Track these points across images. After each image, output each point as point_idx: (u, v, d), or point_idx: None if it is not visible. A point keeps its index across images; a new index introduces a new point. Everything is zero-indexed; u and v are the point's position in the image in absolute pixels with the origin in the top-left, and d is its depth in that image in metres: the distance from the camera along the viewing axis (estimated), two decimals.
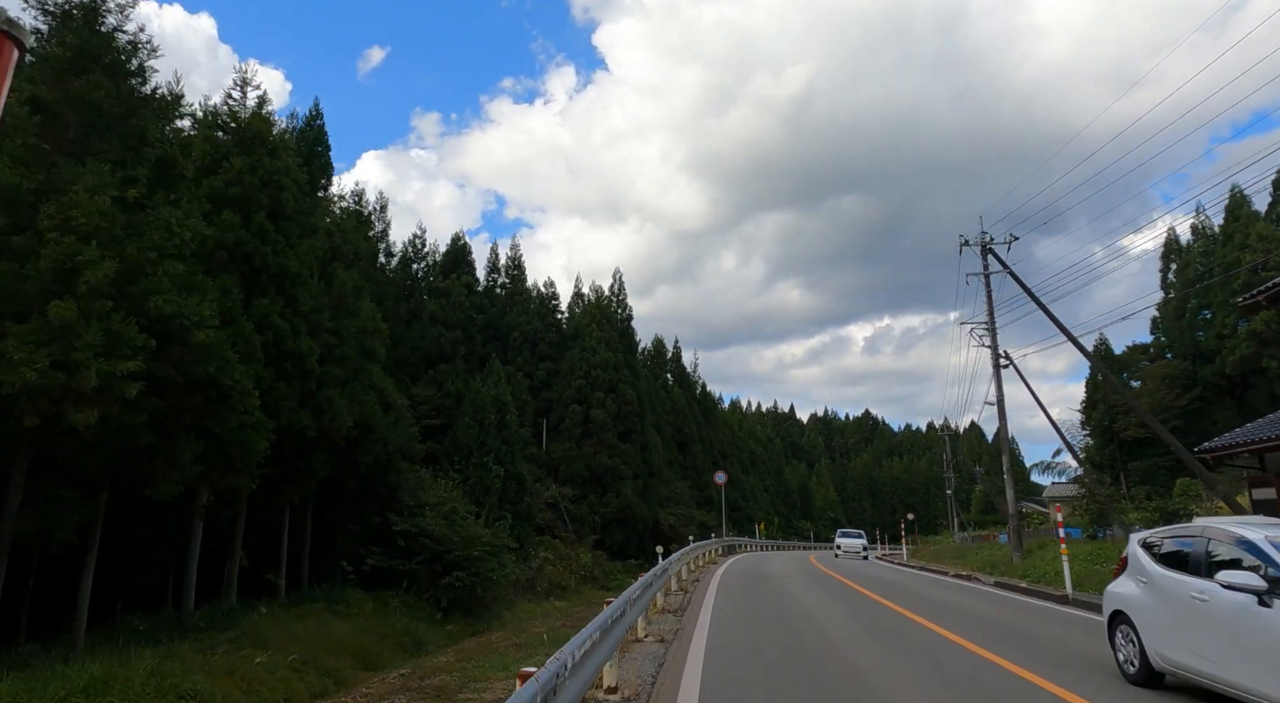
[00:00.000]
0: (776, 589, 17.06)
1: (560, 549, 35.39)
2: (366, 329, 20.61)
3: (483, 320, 44.56)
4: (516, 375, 42.94)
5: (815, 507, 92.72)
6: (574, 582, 32.26)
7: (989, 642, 9.49)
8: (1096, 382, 49.98)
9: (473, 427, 29.89)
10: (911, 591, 17.35)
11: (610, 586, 37.03)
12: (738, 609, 13.22)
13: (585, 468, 41.96)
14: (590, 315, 45.97)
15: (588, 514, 40.91)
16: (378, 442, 20.01)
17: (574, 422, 42.82)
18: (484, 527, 23.57)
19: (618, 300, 49.58)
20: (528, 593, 28.02)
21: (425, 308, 36.08)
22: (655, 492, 46.75)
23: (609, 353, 44.38)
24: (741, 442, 78.63)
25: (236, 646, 14.76)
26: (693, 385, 70.21)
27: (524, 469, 31.47)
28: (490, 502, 28.72)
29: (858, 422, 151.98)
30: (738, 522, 64.60)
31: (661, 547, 28.34)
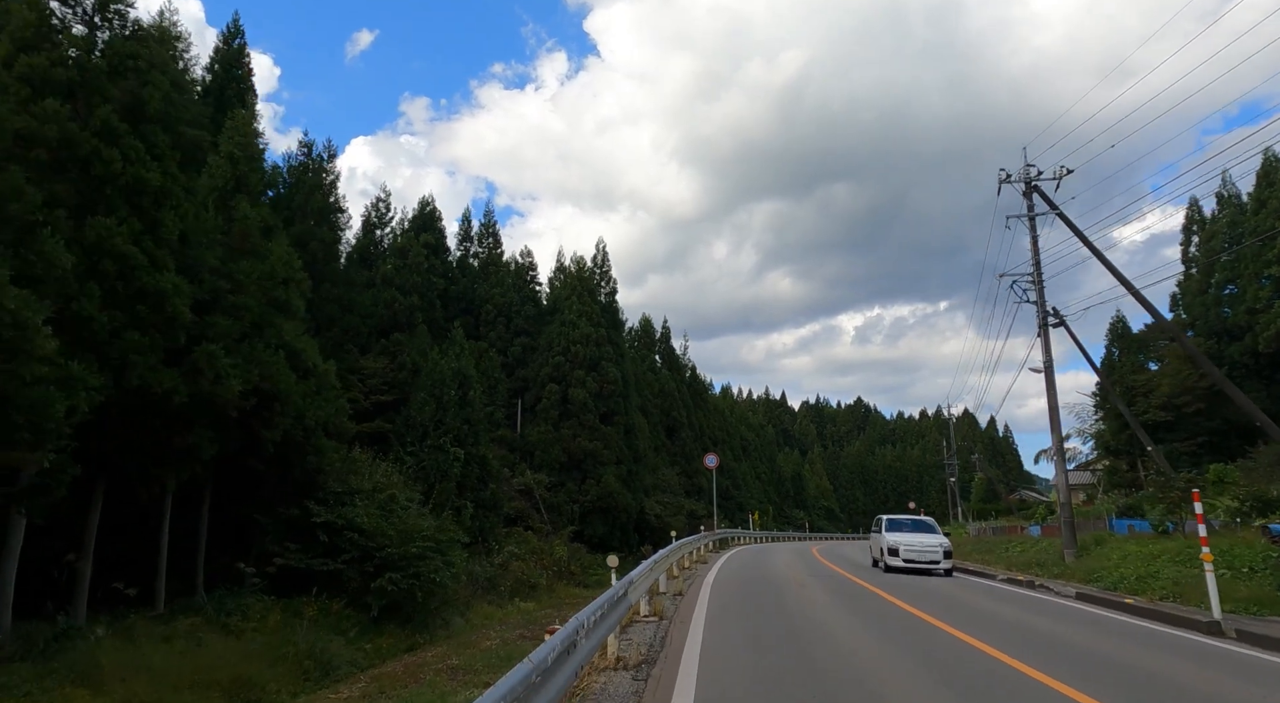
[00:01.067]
0: (791, 606, 12.64)
1: (532, 542, 31.50)
2: (275, 275, 16.52)
3: (454, 291, 40.47)
4: (489, 352, 38.92)
5: (808, 495, 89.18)
6: (546, 579, 28.38)
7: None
8: (1114, 362, 46.31)
9: (429, 403, 25.90)
10: (973, 608, 12.82)
11: (588, 581, 33.19)
12: (740, 643, 9.24)
13: (563, 453, 38.03)
14: (570, 287, 41.92)
15: (565, 503, 37.02)
16: (288, 414, 15.99)
17: (551, 402, 38.84)
18: (431, 518, 19.60)
19: (601, 272, 45.52)
20: (490, 593, 24.12)
21: (380, 269, 31.93)
22: (640, 479, 42.89)
23: (590, 327, 40.38)
24: (733, 428, 74.89)
25: (54, 682, 10.79)
26: (682, 368, 66.33)
27: (489, 452, 27.55)
28: (446, 489, 24.77)
29: (850, 409, 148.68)
30: (729, 511, 60.91)
31: (649, 546, 24.61)
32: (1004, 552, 21.89)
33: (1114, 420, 46.17)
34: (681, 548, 18.03)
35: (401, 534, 17.87)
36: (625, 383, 43.15)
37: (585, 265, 42.97)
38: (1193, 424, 43.00)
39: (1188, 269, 45.75)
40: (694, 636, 9.66)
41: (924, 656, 8.25)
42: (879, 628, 10.23)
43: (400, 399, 27.01)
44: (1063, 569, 16.20)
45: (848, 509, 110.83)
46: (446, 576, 18.49)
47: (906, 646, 8.87)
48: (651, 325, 62.17)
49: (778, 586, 16.09)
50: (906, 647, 8.80)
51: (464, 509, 25.37)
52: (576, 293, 41.51)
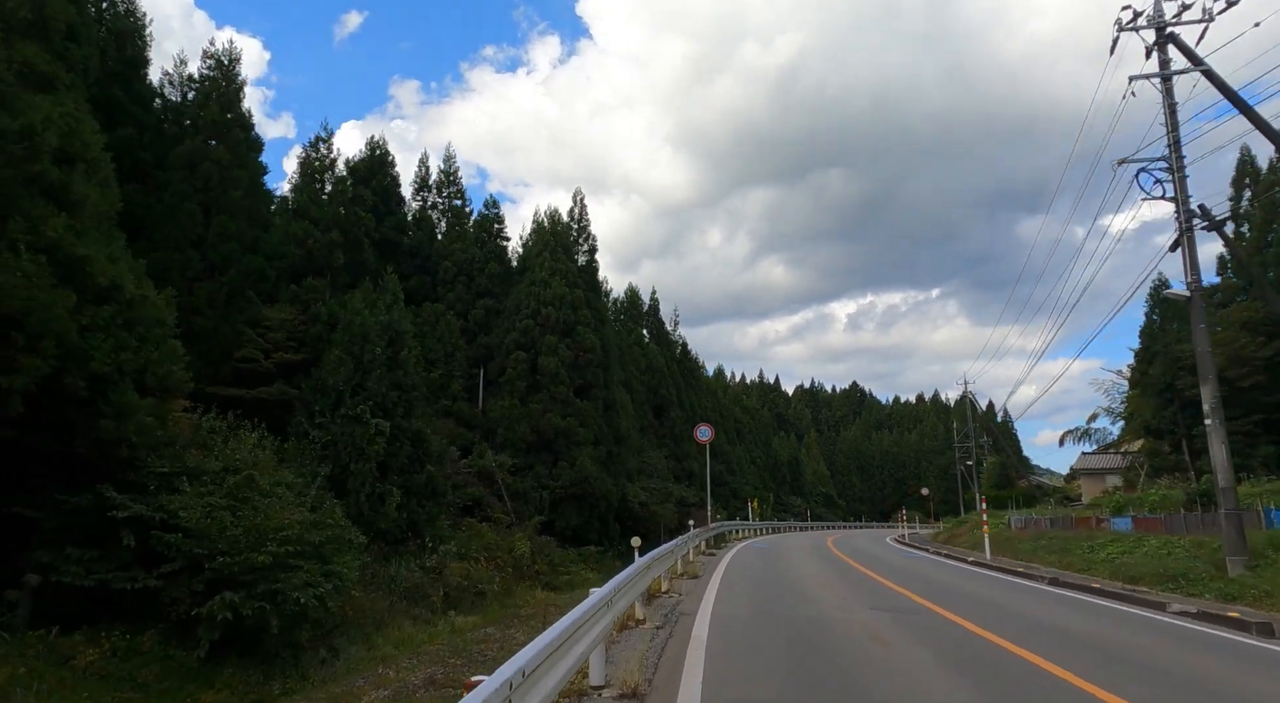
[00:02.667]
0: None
1: (488, 537, 25.73)
2: (39, 139, 10.57)
3: (407, 245, 34.50)
4: (447, 315, 33.01)
5: (806, 482, 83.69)
6: (501, 582, 22.60)
7: None
8: (1154, 331, 40.66)
9: (345, 363, 20.05)
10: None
11: (557, 583, 27.46)
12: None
13: (531, 430, 32.21)
14: (543, 242, 35.97)
15: (532, 489, 31.25)
16: (45, 352, 10.13)
17: (518, 372, 32.98)
18: (305, 511, 13.73)
19: (579, 228, 39.58)
20: (419, 605, 18.33)
21: (296, 202, 25.85)
22: (622, 462, 37.14)
23: (564, 288, 34.48)
24: (726, 410, 69.21)
25: None
26: (672, 345, 60.53)
27: (427, 426, 21.72)
28: (363, 471, 18.92)
29: (845, 394, 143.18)
30: (722, 498, 55.27)
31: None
32: (1090, 553, 16.32)
33: (1156, 397, 40.58)
34: (651, 570, 11.97)
35: (251, 534, 12.01)
36: (606, 353, 37.31)
37: (560, 219, 36.98)
38: (1248, 400, 37.40)
39: (1238, 227, 40.20)
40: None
41: None
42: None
43: (313, 358, 21.11)
44: (1240, 588, 10.58)
45: (844, 496, 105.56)
46: (323, 592, 12.65)
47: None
48: (639, 297, 56.33)
49: (830, 641, 9.74)
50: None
51: (388, 497, 19.55)
52: (549, 249, 35.56)
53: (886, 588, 13.72)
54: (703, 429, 28.12)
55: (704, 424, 29.30)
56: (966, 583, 14.86)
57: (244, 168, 22.78)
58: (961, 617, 10.24)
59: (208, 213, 21.60)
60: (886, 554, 23.81)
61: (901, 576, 16.14)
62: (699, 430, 27.99)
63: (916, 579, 15.41)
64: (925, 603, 11.75)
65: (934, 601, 11.99)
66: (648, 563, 11.51)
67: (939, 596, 12.73)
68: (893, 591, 13.35)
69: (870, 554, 23.68)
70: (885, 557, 22.63)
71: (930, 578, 15.91)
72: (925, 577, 16.13)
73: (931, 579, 15.56)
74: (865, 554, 23.74)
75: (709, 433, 27.67)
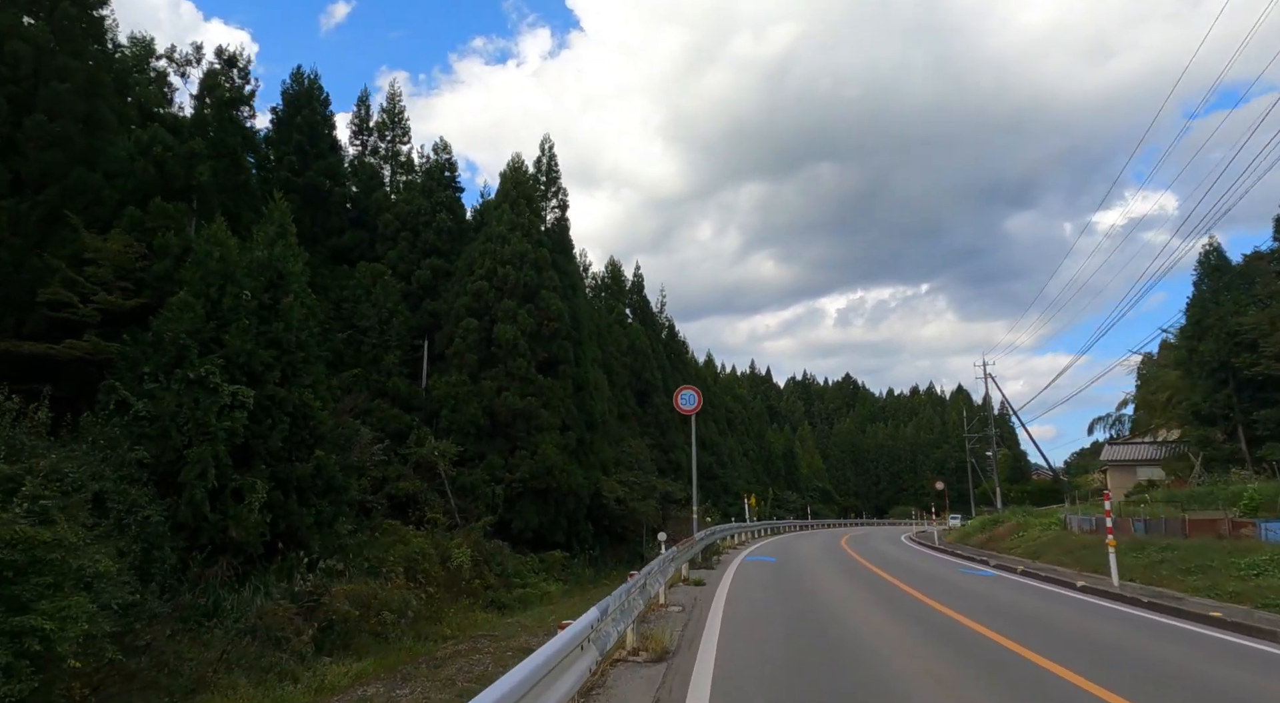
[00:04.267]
0: None
1: (415, 543, 19.95)
2: None
3: (339, 195, 28.60)
4: (385, 276, 27.16)
5: (802, 476, 78.11)
6: (424, 604, 16.78)
7: None
8: (1205, 301, 35.15)
9: (192, 308, 14.26)
10: None
11: (506, 600, 21.68)
12: None
13: (483, 412, 26.40)
14: (504, 193, 30.11)
15: (483, 483, 25.45)
16: None
17: (468, 343, 27.13)
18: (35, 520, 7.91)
19: (547, 180, 33.74)
20: (278, 649, 12.53)
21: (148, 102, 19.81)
22: (596, 451, 31.40)
23: (526, 245, 28.65)
24: (717, 398, 63.50)
25: None
26: (659, 325, 54.85)
27: (316, 399, 15.88)
28: (203, 454, 13.07)
29: (838, 386, 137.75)
30: (713, 493, 49.60)
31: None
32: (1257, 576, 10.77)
33: (1207, 379, 35.10)
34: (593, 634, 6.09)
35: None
36: (577, 325, 31.52)
37: (523, 169, 31.05)
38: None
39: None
40: None
41: None
42: None
43: (157, 304, 15.23)
44: None
45: (840, 490, 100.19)
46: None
47: None
48: (621, 272, 50.54)
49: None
50: None
51: (248, 492, 13.71)
52: (509, 200, 29.70)
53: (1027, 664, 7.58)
54: (686, 394, 21.41)
55: (688, 387, 22.89)
56: (1206, 665, 8.00)
57: (80, 58, 16.86)
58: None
59: (19, 109, 15.72)
60: (949, 574, 17.41)
61: (1050, 637, 9.48)
62: (681, 396, 21.13)
63: (1090, 648, 8.86)
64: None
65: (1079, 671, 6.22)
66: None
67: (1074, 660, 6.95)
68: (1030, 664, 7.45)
69: (925, 574, 17.28)
70: (950, 579, 16.28)
71: (1120, 646, 8.58)
72: (1104, 643, 8.86)
73: (1123, 649, 8.34)
74: (921, 575, 16.86)
75: (694, 399, 21.08)
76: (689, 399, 20.86)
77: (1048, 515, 25.92)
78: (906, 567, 18.75)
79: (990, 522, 28.33)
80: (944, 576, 16.43)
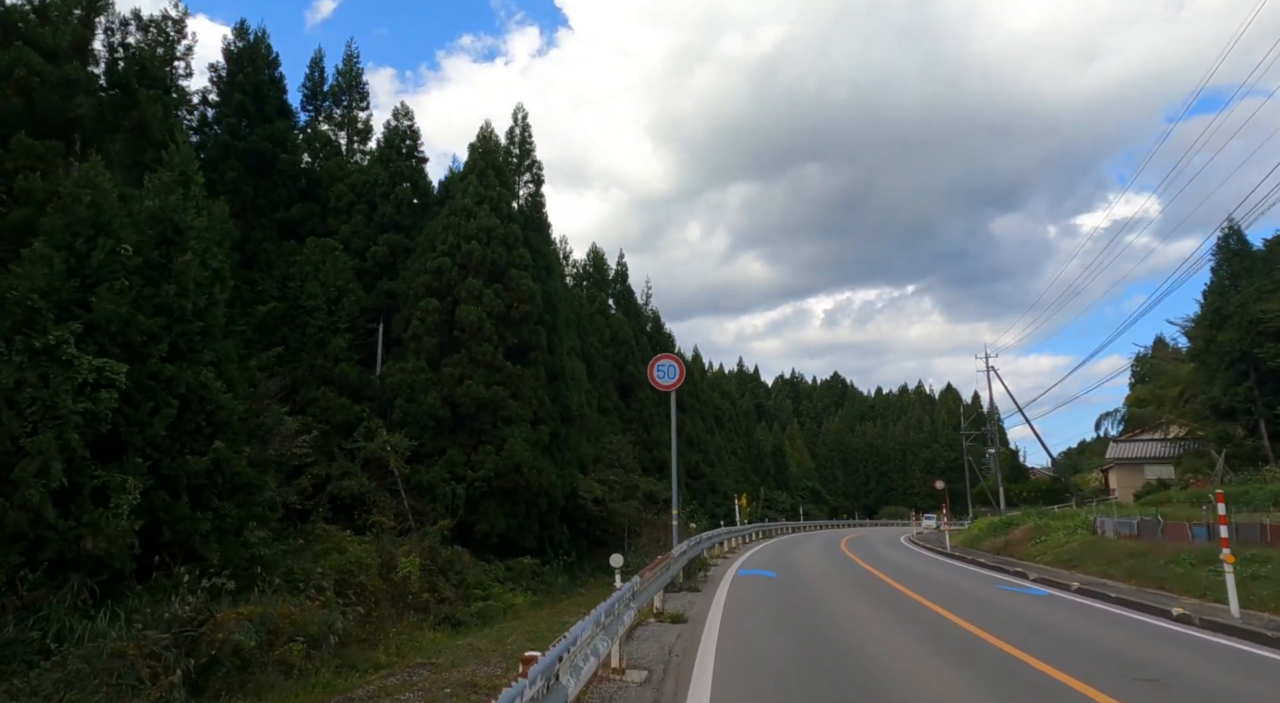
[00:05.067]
0: None
1: (352, 552, 17.01)
2: None
3: (286, 164, 25.58)
4: (336, 251, 24.18)
5: (791, 475, 75.45)
6: (359, 625, 13.85)
7: None
8: (1223, 289, 32.68)
9: (48, 263, 11.31)
10: None
11: (463, 616, 18.72)
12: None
13: (443, 402, 23.47)
14: (471, 165, 27.16)
15: (442, 482, 22.51)
16: None
17: (428, 326, 24.19)
18: None
19: (520, 152, 30.83)
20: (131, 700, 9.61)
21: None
22: (573, 447, 28.54)
23: (494, 220, 25.75)
24: (704, 394, 60.70)
25: None
26: (643, 317, 52.03)
27: (214, 379, 12.87)
28: (45, 445, 10.14)
29: (826, 385, 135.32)
30: (699, 492, 46.83)
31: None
32: None
33: (1226, 371, 32.63)
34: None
35: None
36: (552, 309, 28.64)
37: (494, 138, 28.09)
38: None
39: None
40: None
41: None
42: None
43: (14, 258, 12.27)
44: None
45: (828, 490, 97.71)
46: None
47: None
48: (604, 260, 47.64)
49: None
50: None
51: (116, 492, 10.77)
52: (476, 171, 26.78)
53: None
54: (664, 365, 16.80)
55: (666, 356, 17.80)
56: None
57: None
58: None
59: None
60: (992, 594, 14.18)
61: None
62: (657, 368, 16.80)
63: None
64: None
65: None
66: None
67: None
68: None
69: (964, 593, 13.96)
70: (999, 601, 13.02)
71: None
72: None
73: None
74: (960, 596, 13.13)
75: (674, 371, 16.69)
76: (668, 371, 16.42)
77: (1067, 517, 23.29)
78: (933, 582, 15.87)
79: (1002, 524, 25.63)
80: (987, 596, 13.56)
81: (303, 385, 22.22)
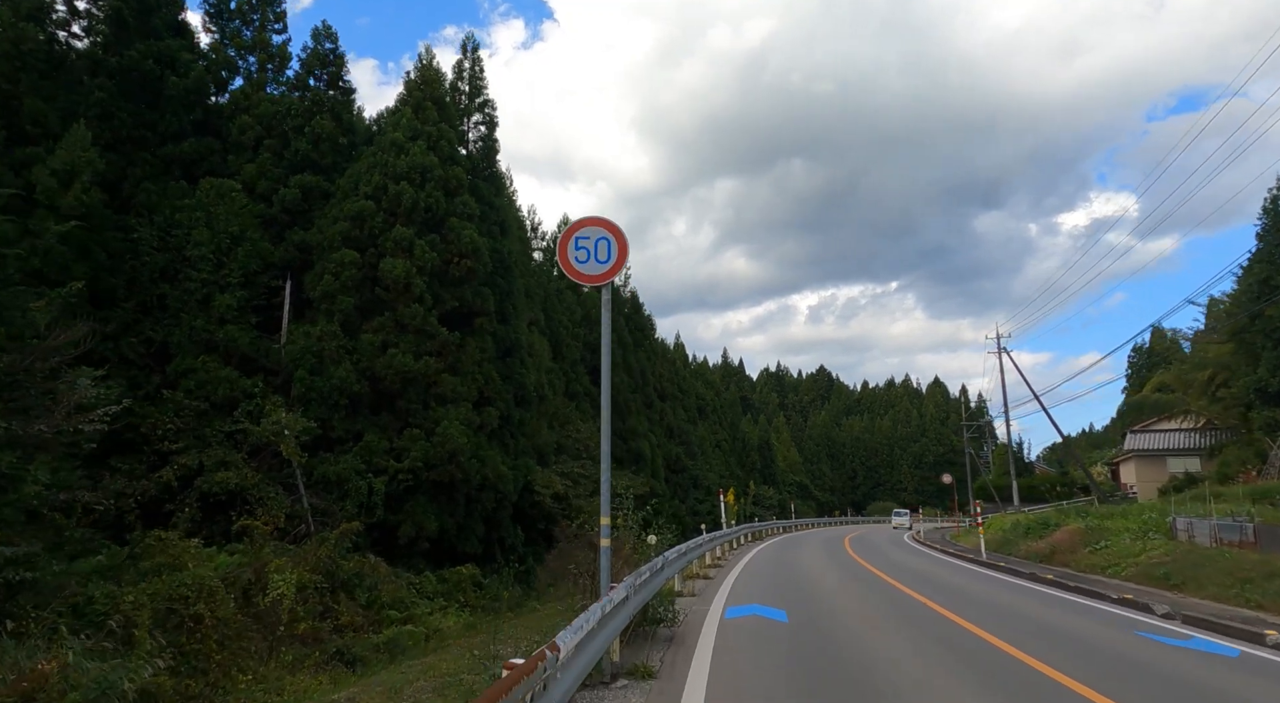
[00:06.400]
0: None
1: (196, 570, 12.33)
2: None
3: (178, 89, 20.74)
4: (235, 193, 19.41)
5: (778, 469, 71.15)
6: (137, 688, 9.30)
7: None
8: (1274, 253, 28.53)
9: None
10: None
11: (357, 653, 13.96)
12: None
13: (359, 376, 18.77)
14: (407, 96, 22.42)
15: (355, 474, 17.82)
16: None
17: (344, 283, 19.46)
18: None
19: (471, 90, 26.11)
20: None
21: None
22: (530, 434, 23.95)
23: (431, 158, 21.07)
24: (686, 383, 56.27)
25: None
26: (621, 298, 47.47)
27: None
28: None
29: (812, 378, 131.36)
30: (680, 487, 42.38)
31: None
32: None
33: (1276, 349, 28.52)
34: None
35: None
36: (506, 272, 24.02)
37: (436, 68, 23.32)
38: None
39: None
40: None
41: None
42: None
43: None
44: None
45: (816, 486, 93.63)
46: None
47: None
48: None
49: None
50: None
51: None
52: (414, 107, 22.06)
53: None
54: (587, 233, 8.36)
55: (592, 221, 8.39)
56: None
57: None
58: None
59: None
60: (1157, 657, 6.51)
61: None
62: (573, 240, 8.22)
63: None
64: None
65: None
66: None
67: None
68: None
69: (1135, 663, 6.46)
70: (1200, 681, 5.62)
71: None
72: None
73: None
74: (1144, 676, 6.65)
75: (610, 248, 8.48)
76: (595, 248, 8.42)
77: (1122, 517, 18.97)
78: (1020, 617, 9.96)
79: (1036, 524, 21.22)
80: (1142, 657, 7.36)
81: (179, 353, 17.51)
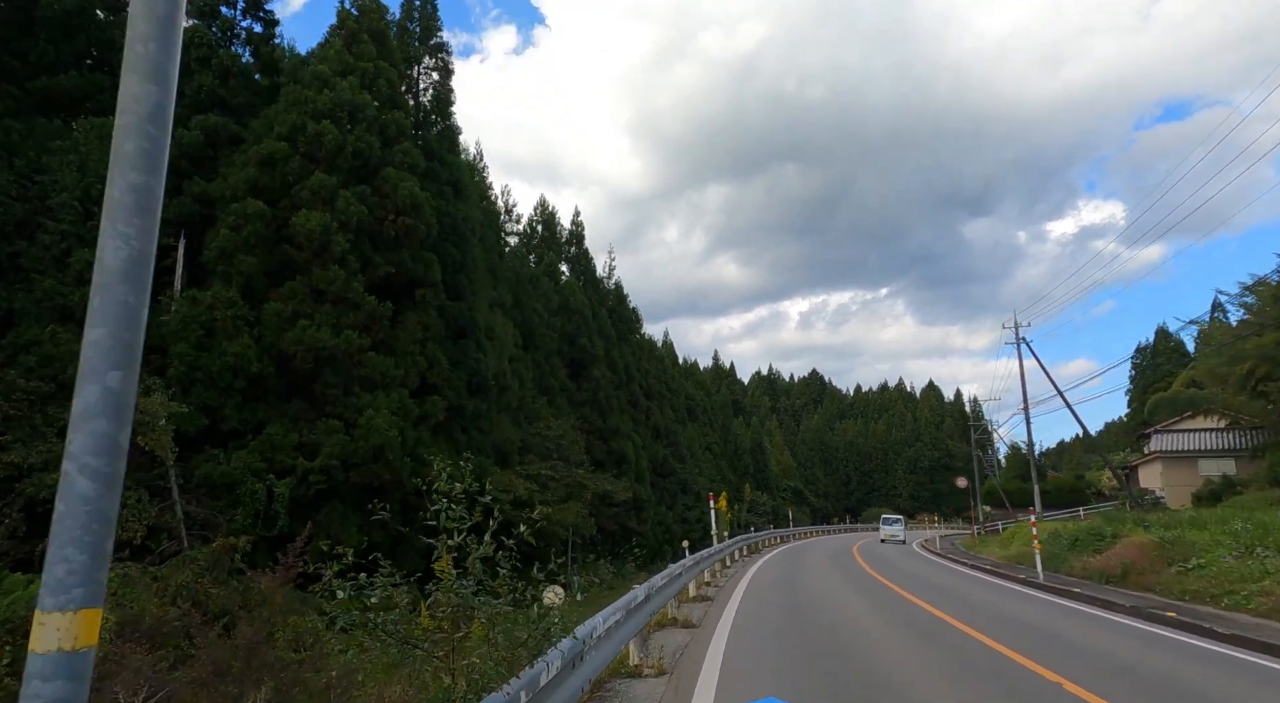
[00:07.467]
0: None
1: None
2: None
3: (54, 8, 16.96)
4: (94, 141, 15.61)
5: (772, 474, 67.40)
6: None
7: None
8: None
9: None
10: None
11: None
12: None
13: (261, 353, 14.95)
14: (341, 28, 18.70)
15: (250, 474, 13.99)
16: None
17: (247, 239, 15.64)
18: None
19: (423, 29, 22.36)
20: None
21: None
22: (488, 428, 20.15)
23: (363, 96, 17.33)
24: (675, 382, 52.54)
25: None
26: (604, 290, 43.67)
27: None
28: None
29: (804, 382, 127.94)
30: (668, 492, 38.61)
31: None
32: None
33: None
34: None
35: None
36: (459, 241, 20.25)
37: (377, 1, 19.59)
38: None
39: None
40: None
41: None
42: None
43: None
44: None
45: (810, 491, 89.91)
46: None
47: None
48: (556, 219, 39.31)
49: None
50: None
51: None
52: (344, 36, 18.34)
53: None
54: None
55: None
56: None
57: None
58: None
59: None
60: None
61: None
62: None
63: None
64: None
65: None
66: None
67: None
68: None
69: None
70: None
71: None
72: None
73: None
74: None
75: None
76: None
77: (1202, 528, 15.29)
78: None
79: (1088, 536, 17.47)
80: None
81: (23, 321, 13.68)
